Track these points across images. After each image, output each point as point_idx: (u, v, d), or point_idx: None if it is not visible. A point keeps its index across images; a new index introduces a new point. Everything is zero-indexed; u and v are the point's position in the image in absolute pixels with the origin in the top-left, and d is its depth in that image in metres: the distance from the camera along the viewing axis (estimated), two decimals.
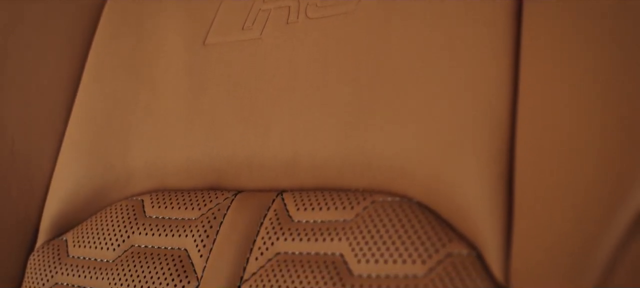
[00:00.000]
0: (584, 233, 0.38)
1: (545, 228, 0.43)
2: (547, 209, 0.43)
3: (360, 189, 0.57)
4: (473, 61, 0.53)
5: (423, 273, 0.49)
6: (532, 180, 0.46)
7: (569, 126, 0.43)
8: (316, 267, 0.54)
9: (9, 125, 0.72)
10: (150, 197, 0.66)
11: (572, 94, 0.44)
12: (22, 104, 0.72)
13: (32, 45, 0.74)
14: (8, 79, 0.72)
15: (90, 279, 0.64)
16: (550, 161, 0.44)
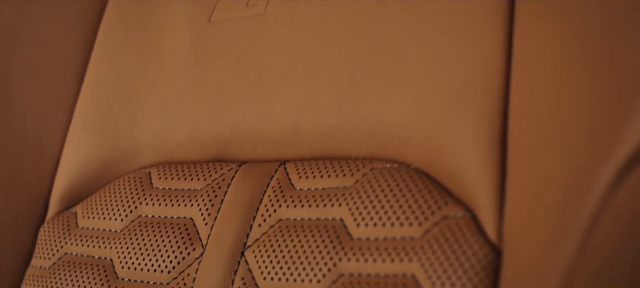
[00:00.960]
0: (571, 191, 0.40)
1: (535, 190, 0.44)
2: (537, 172, 0.45)
3: (360, 157, 0.58)
4: (467, 32, 0.54)
5: (420, 235, 0.51)
6: (524, 146, 0.48)
7: (557, 93, 0.44)
8: (317, 231, 0.55)
9: (20, 101, 0.74)
10: (157, 169, 0.68)
11: (561, 61, 0.45)
12: (32, 81, 0.74)
13: (43, 23, 0.76)
14: (19, 57, 0.74)
15: (99, 248, 0.66)
16: (541, 127, 0.46)
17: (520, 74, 0.50)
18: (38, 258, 0.70)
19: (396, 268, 0.51)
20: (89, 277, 0.65)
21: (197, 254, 0.61)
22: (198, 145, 0.67)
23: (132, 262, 0.63)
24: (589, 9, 0.44)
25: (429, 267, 0.49)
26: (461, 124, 0.53)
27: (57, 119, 0.75)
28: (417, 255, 0.50)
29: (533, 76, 0.49)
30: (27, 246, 0.73)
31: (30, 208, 0.74)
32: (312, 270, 0.54)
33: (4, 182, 0.72)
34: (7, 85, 0.73)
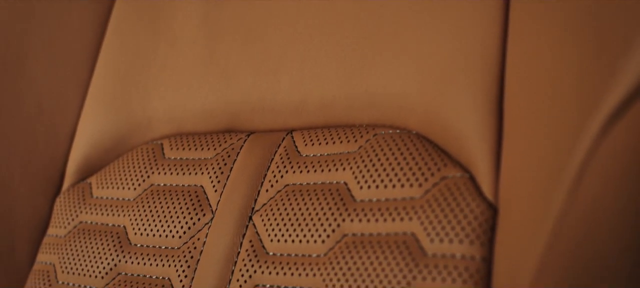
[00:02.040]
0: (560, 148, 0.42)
1: (527, 150, 0.47)
2: (530, 133, 0.47)
3: (364, 124, 0.61)
4: (465, 5, 0.57)
5: (419, 195, 0.53)
6: (518, 110, 0.50)
7: (549, 61, 0.46)
8: (322, 195, 0.58)
9: (35, 79, 0.76)
10: (169, 140, 0.70)
11: (554, 31, 0.47)
12: (48, 59, 0.77)
13: (57, 4, 0.78)
14: (34, 37, 0.77)
15: (113, 216, 0.69)
16: (533, 92, 0.48)
17: (516, 43, 0.53)
18: (54, 227, 0.73)
19: (397, 227, 0.53)
20: (103, 244, 0.68)
21: (207, 219, 0.63)
22: (208, 117, 0.69)
23: (144, 228, 0.66)
24: None
25: (428, 224, 0.51)
26: (460, 91, 0.55)
27: (71, 95, 0.78)
28: (417, 214, 0.52)
29: (527, 45, 0.51)
30: (43, 216, 0.76)
31: (46, 180, 0.76)
32: (317, 231, 0.56)
33: (21, 156, 0.75)
34: (22, 64, 0.76)
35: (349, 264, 0.54)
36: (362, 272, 0.53)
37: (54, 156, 0.77)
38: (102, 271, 0.67)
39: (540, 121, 0.46)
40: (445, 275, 0.50)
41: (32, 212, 0.75)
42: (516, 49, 0.53)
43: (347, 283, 0.53)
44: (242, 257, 0.59)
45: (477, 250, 0.49)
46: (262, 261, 0.58)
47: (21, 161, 0.75)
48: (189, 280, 0.61)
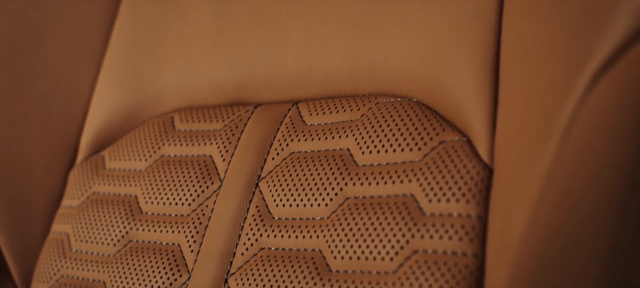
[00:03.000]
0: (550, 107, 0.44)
1: (520, 112, 0.49)
2: (522, 97, 0.49)
3: (367, 94, 0.63)
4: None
5: (419, 159, 0.55)
6: (512, 76, 0.52)
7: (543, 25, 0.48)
8: (325, 160, 0.60)
9: (51, 55, 0.79)
10: (179, 113, 0.73)
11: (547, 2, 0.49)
12: (63, 36, 0.79)
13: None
14: (50, 14, 0.79)
15: (125, 187, 0.71)
16: (527, 58, 0.50)
17: (511, 11, 0.55)
18: (68, 199, 0.75)
19: (397, 189, 0.55)
20: (115, 213, 0.70)
21: (216, 187, 0.65)
22: (217, 91, 0.72)
23: (155, 197, 0.68)
24: None
25: (427, 186, 0.53)
26: (458, 59, 0.57)
27: (85, 71, 0.80)
28: (416, 176, 0.54)
29: (521, 12, 0.53)
30: (58, 188, 0.78)
31: (61, 153, 0.79)
32: (321, 195, 0.59)
33: (37, 130, 0.78)
34: (38, 41, 0.78)
35: (351, 225, 0.56)
36: (363, 232, 0.55)
37: (69, 130, 0.79)
38: (114, 238, 0.69)
39: (532, 83, 0.48)
40: (443, 233, 0.52)
41: (47, 184, 0.78)
42: (511, 16, 0.55)
43: (349, 243, 0.55)
44: (248, 222, 0.62)
45: (472, 209, 0.51)
46: (268, 225, 0.61)
47: (37, 135, 0.78)
48: (197, 245, 0.64)
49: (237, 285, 0.60)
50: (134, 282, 0.65)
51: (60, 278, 0.71)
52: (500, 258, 0.47)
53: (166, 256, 0.65)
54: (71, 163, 0.79)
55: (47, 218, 0.77)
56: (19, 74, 0.76)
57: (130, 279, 0.66)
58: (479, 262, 0.50)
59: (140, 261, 0.66)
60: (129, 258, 0.67)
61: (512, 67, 0.53)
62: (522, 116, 0.48)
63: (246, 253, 0.61)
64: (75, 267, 0.71)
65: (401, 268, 0.52)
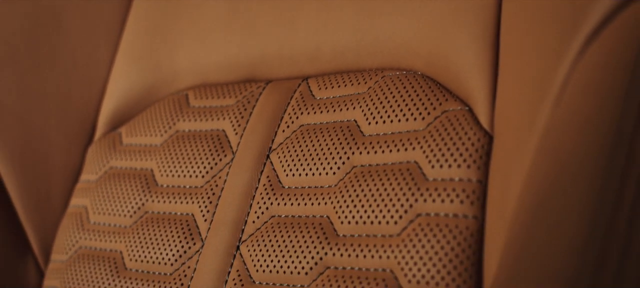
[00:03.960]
0: (545, 72, 0.46)
1: (518, 80, 0.51)
2: (520, 65, 0.51)
3: (374, 68, 0.65)
4: None
5: (422, 128, 0.58)
6: (511, 47, 0.54)
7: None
8: (333, 132, 0.62)
9: (71, 35, 0.82)
10: (194, 91, 0.75)
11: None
12: (82, 17, 0.82)
13: None
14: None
15: (141, 161, 0.74)
16: (524, 29, 0.52)
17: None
18: (86, 174, 0.78)
19: (401, 156, 0.57)
20: (131, 186, 0.73)
21: (228, 160, 0.68)
22: (230, 69, 0.74)
23: (170, 170, 0.71)
24: None
25: (430, 152, 0.56)
26: (460, 34, 0.59)
27: (103, 50, 0.83)
28: (420, 144, 0.57)
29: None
30: (77, 164, 0.81)
31: (79, 130, 0.81)
32: (329, 164, 0.61)
33: (56, 108, 0.80)
34: (58, 22, 0.81)
35: (357, 191, 0.58)
36: (369, 198, 0.57)
37: (87, 108, 0.82)
38: (131, 210, 0.72)
39: (528, 52, 0.50)
40: (444, 197, 0.54)
41: (66, 160, 0.80)
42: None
43: (356, 209, 0.58)
44: (260, 192, 0.64)
45: (473, 173, 0.54)
46: (278, 194, 0.63)
47: (56, 112, 0.80)
48: (210, 214, 0.66)
49: (248, 251, 0.62)
50: (150, 251, 0.68)
51: (79, 249, 0.74)
52: (499, 219, 0.49)
53: (180, 226, 0.67)
54: (89, 140, 0.82)
55: (66, 193, 0.80)
56: (39, 55, 0.79)
57: (146, 248, 0.68)
58: (479, 223, 0.53)
59: (156, 231, 0.69)
60: (145, 229, 0.70)
61: (511, 39, 0.55)
62: (520, 83, 0.51)
63: (257, 221, 0.63)
64: (93, 238, 0.73)
65: (405, 231, 0.55)
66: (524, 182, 0.45)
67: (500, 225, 0.49)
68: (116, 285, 0.69)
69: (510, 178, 0.48)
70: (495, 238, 0.50)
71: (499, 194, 0.51)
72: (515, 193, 0.47)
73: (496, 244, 0.49)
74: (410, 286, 0.53)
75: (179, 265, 0.66)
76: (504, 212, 0.48)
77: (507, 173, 0.49)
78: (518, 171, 0.47)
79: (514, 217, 0.45)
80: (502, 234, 0.48)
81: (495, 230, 0.50)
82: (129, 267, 0.69)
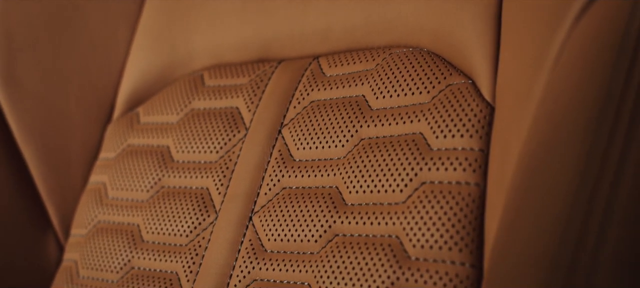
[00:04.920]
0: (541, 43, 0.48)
1: (517, 53, 0.53)
2: (518, 37, 0.53)
3: (382, 46, 0.67)
4: None
5: (428, 101, 0.60)
6: (511, 23, 0.57)
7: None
8: (343, 106, 0.65)
9: (90, 18, 0.84)
10: (209, 71, 0.78)
11: None
12: (101, 3, 0.85)
13: None
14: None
15: (157, 138, 0.77)
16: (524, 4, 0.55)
17: None
18: (105, 152, 0.81)
19: (407, 128, 0.60)
20: (149, 162, 0.75)
21: (242, 135, 0.70)
22: (244, 49, 0.77)
23: (185, 146, 0.74)
24: None
25: (434, 124, 0.58)
26: (464, 12, 0.62)
27: (122, 33, 0.86)
28: (425, 116, 0.59)
29: None
30: (96, 143, 0.84)
31: (98, 111, 0.84)
32: (338, 137, 0.63)
33: (76, 89, 0.83)
34: (77, 6, 0.84)
35: (364, 162, 0.60)
36: (376, 168, 0.60)
37: (106, 89, 0.85)
38: (147, 185, 0.74)
39: (527, 25, 0.52)
40: (448, 166, 0.56)
41: (86, 139, 0.83)
42: None
43: (363, 179, 0.60)
44: (271, 165, 0.67)
45: (475, 143, 0.56)
46: (289, 166, 0.66)
47: (76, 93, 0.83)
48: (224, 188, 0.69)
49: (260, 221, 0.65)
50: (166, 223, 0.71)
51: (98, 224, 0.77)
52: (499, 185, 0.52)
53: (195, 199, 0.70)
54: (108, 120, 0.85)
55: (86, 171, 0.83)
56: (60, 39, 0.82)
57: (162, 221, 0.71)
58: (480, 190, 0.55)
59: (172, 204, 0.71)
60: (161, 202, 0.72)
61: (511, 16, 0.57)
62: (519, 56, 0.53)
63: (269, 193, 0.66)
64: (111, 212, 0.76)
65: (410, 199, 0.57)
66: (521, 148, 0.47)
67: (500, 190, 0.51)
68: (133, 257, 0.72)
69: (510, 146, 0.51)
70: (495, 204, 0.52)
71: (499, 162, 0.53)
72: (513, 160, 0.49)
73: (496, 209, 0.52)
74: (414, 251, 0.55)
75: (194, 237, 0.69)
76: (503, 178, 0.51)
77: (507, 141, 0.52)
78: (517, 138, 0.49)
79: (511, 181, 0.47)
80: (501, 199, 0.50)
81: (495, 195, 0.53)
82: (145, 239, 0.72)
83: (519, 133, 0.48)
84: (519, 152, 0.47)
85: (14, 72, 0.80)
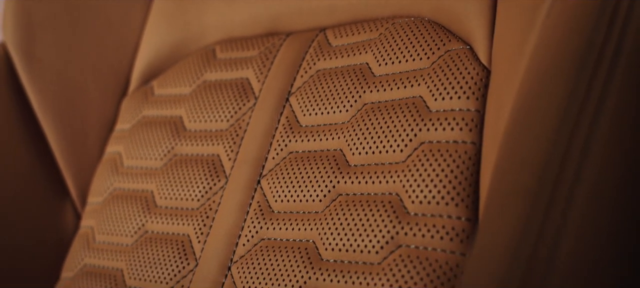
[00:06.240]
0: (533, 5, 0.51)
1: (513, 16, 0.56)
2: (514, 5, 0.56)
3: (385, 16, 0.70)
4: None
5: (428, 66, 0.63)
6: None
7: None
8: (347, 74, 0.68)
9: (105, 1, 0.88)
10: (220, 45, 0.81)
11: None
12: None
13: None
14: None
15: (170, 109, 0.80)
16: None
17: None
18: (121, 123, 0.84)
19: (407, 92, 0.63)
20: (162, 132, 0.79)
21: (251, 104, 0.73)
22: (254, 24, 0.80)
23: (197, 116, 0.77)
24: None
25: (433, 87, 0.61)
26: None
27: (137, 11, 0.89)
28: (424, 80, 0.62)
29: None
30: (111, 116, 0.87)
31: (114, 85, 0.88)
32: (342, 102, 0.66)
33: (93, 64, 0.87)
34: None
35: (367, 125, 0.63)
36: (378, 129, 0.62)
37: (121, 64, 0.88)
38: (161, 154, 0.78)
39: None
40: (446, 126, 0.59)
41: (102, 112, 0.87)
42: None
43: (365, 141, 0.63)
44: (279, 132, 0.70)
45: (472, 104, 0.59)
46: (296, 132, 0.69)
47: (93, 68, 0.87)
48: (234, 154, 0.72)
49: (268, 184, 0.68)
50: (178, 189, 0.74)
51: (113, 191, 0.80)
52: (493, 142, 0.55)
53: (207, 165, 0.73)
54: (124, 93, 0.88)
55: (102, 142, 0.86)
56: (77, 17, 0.85)
57: (174, 187, 0.74)
58: (476, 148, 0.58)
59: (184, 171, 0.74)
60: (174, 170, 0.75)
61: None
62: (513, 20, 0.56)
63: (276, 157, 0.69)
64: (127, 180, 0.79)
65: (409, 158, 0.60)
66: (513, 102, 0.50)
67: (494, 147, 0.54)
68: (147, 221, 0.75)
69: (503, 104, 0.53)
70: (489, 160, 0.55)
71: (493, 120, 0.56)
72: (506, 116, 0.51)
73: (489, 166, 0.54)
74: (413, 207, 0.58)
75: (205, 201, 0.72)
76: (497, 135, 0.53)
77: (501, 100, 0.54)
78: (509, 97, 0.52)
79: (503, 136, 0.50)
80: (494, 155, 0.53)
81: (489, 152, 0.55)
82: (159, 205, 0.75)
83: (511, 91, 0.51)
84: (511, 105, 0.50)
85: (34, 49, 0.84)
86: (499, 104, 0.55)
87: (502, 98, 0.54)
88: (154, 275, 0.71)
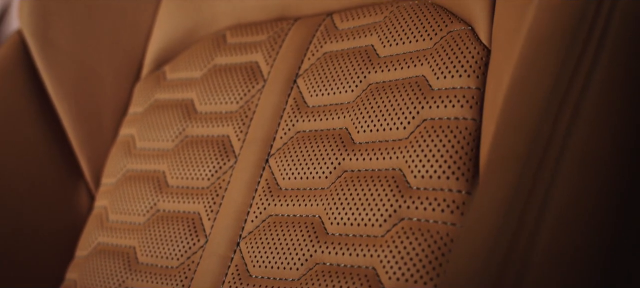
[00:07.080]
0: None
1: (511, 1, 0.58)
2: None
3: (390, 0, 0.72)
4: None
5: (430, 46, 0.65)
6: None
7: None
8: (353, 56, 0.70)
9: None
10: (230, 30, 0.83)
11: None
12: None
13: None
14: None
15: (181, 92, 0.82)
16: None
17: None
18: (134, 107, 0.87)
19: (411, 72, 0.65)
20: (173, 114, 0.81)
21: (260, 86, 0.76)
22: (263, 10, 0.82)
23: (208, 99, 0.79)
24: None
25: (436, 66, 0.63)
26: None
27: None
28: (427, 60, 0.64)
29: None
30: (125, 100, 0.90)
31: (128, 70, 0.90)
32: (348, 83, 0.68)
33: (107, 50, 0.89)
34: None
35: (372, 104, 0.65)
36: (382, 108, 0.65)
37: (135, 50, 0.90)
38: (172, 135, 0.80)
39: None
40: (447, 103, 0.61)
41: (116, 96, 0.89)
42: None
43: (370, 119, 0.65)
44: (287, 112, 0.72)
45: (473, 82, 0.61)
46: (303, 113, 0.71)
47: (107, 54, 0.89)
48: (243, 134, 0.74)
49: (276, 163, 0.70)
50: (189, 169, 0.76)
51: (126, 172, 0.82)
52: (492, 117, 0.56)
53: (217, 146, 0.75)
54: (137, 78, 0.91)
55: (115, 125, 0.89)
56: (92, 3, 0.88)
57: (185, 167, 0.77)
58: (476, 124, 0.60)
59: (195, 151, 0.77)
60: (186, 150, 0.78)
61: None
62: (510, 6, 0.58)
63: (284, 136, 0.71)
64: (139, 161, 0.82)
65: (412, 135, 0.62)
66: (511, 74, 0.52)
67: (492, 121, 0.56)
68: (159, 200, 0.77)
69: (502, 81, 0.55)
70: (488, 135, 0.57)
71: (492, 96, 0.58)
72: (501, 97, 0.53)
73: (488, 139, 0.56)
74: (415, 181, 0.60)
75: (215, 180, 0.74)
76: (495, 111, 0.55)
77: (500, 77, 0.56)
78: (507, 73, 0.54)
79: (501, 106, 0.52)
80: (492, 130, 0.55)
81: (489, 127, 0.57)
82: (170, 184, 0.77)
83: (509, 67, 0.53)
84: (509, 78, 0.52)
85: (49, 33, 0.86)
86: (498, 81, 0.56)
87: (501, 76, 0.56)
88: (165, 252, 0.74)
